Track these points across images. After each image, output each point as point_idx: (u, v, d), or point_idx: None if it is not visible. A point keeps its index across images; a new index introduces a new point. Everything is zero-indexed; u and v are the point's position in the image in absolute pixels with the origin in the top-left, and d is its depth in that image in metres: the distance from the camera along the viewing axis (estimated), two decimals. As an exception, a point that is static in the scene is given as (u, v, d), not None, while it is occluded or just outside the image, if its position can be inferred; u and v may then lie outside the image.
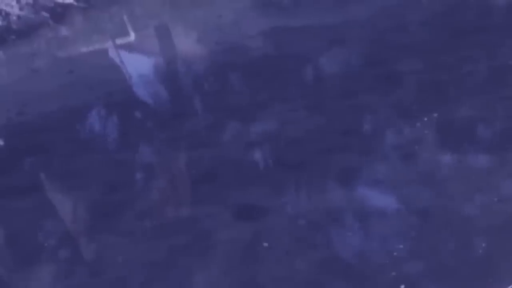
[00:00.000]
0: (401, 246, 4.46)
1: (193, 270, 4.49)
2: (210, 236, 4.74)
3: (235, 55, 7.15)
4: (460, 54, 6.49)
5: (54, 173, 5.81)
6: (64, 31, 8.16)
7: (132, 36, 8.09)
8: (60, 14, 8.21)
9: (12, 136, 6.50)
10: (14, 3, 8.15)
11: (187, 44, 7.94)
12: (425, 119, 5.62)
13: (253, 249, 4.57)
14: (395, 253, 4.41)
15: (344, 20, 7.55)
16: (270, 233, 4.69)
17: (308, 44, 7.11)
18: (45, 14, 8.18)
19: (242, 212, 4.95)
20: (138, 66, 7.59)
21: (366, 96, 6.08)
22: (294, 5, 8.14)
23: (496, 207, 4.65)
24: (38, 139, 6.35)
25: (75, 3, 8.33)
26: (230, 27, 7.77)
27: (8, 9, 8.11)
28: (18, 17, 8.08)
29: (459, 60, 6.38)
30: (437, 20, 7.24)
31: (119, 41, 8.00)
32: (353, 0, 8.03)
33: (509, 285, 4.06)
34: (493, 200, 4.72)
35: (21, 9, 8.14)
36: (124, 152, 5.98)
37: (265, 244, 4.59)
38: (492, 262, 4.25)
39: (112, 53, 7.86)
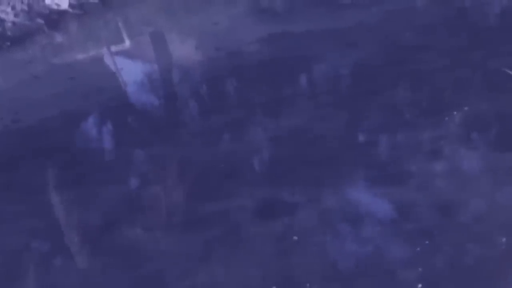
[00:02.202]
0: (427, 242, 4.57)
1: (226, 263, 4.68)
2: (241, 229, 4.93)
3: (231, 62, 7.15)
4: (478, 52, 6.54)
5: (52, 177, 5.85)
6: (59, 38, 8.15)
7: (127, 43, 8.08)
8: (55, 21, 8.20)
9: (7, 142, 6.49)
10: (9, 9, 8.14)
11: (183, 51, 7.93)
12: (449, 116, 5.68)
13: (284, 243, 4.76)
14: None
15: (337, 25, 7.58)
16: (299, 227, 4.85)
17: (310, 47, 7.16)
18: (40, 21, 8.18)
19: (270, 206, 5.12)
20: (133, 73, 7.58)
21: (390, 93, 6.18)
22: (289, 11, 8.15)
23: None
24: (32, 145, 6.35)
25: (70, 10, 8.32)
26: (226, 33, 7.77)
27: (3, 15, 8.10)
28: (13, 23, 8.07)
29: (482, 58, 6.43)
30: (449, 22, 7.30)
31: (114, 48, 7.99)
32: (345, 6, 8.03)
33: None
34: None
35: (16, 15, 8.13)
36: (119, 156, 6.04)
37: (295, 238, 4.74)
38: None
39: (107, 60, 7.85)
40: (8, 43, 7.93)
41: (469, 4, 7.94)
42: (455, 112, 5.72)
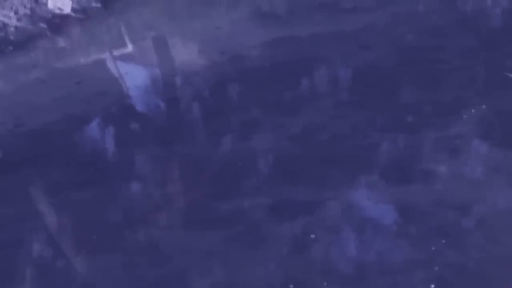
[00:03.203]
0: (443, 241, 4.64)
1: (244, 261, 4.78)
2: (258, 228, 5.03)
3: (234, 66, 7.16)
4: (492, 52, 6.57)
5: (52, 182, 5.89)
6: (61, 42, 8.15)
7: (129, 47, 8.08)
8: (57, 25, 8.20)
9: (9, 147, 6.49)
10: (12, 14, 8.15)
11: (185, 55, 7.93)
12: (467, 115, 5.71)
13: (301, 241, 4.86)
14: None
15: (343, 28, 7.61)
16: (317, 226, 4.95)
17: (316, 50, 7.21)
18: (42, 25, 8.18)
19: (288, 205, 5.19)
20: (135, 77, 7.58)
21: (404, 93, 6.26)
22: (291, 15, 8.15)
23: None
24: (35, 150, 6.35)
25: (73, 14, 8.33)
26: (228, 38, 7.78)
27: (5, 20, 8.11)
28: (16, 28, 8.07)
29: (499, 57, 6.46)
30: (456, 23, 7.34)
31: (116, 52, 7.99)
32: (348, 10, 8.04)
33: None
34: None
35: (19, 20, 8.14)
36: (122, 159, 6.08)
37: (312, 236, 4.84)
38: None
39: (109, 64, 7.85)
40: (11, 48, 7.93)
41: (470, 6, 7.97)
42: (473, 110, 5.74)
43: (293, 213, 5.11)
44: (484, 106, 5.78)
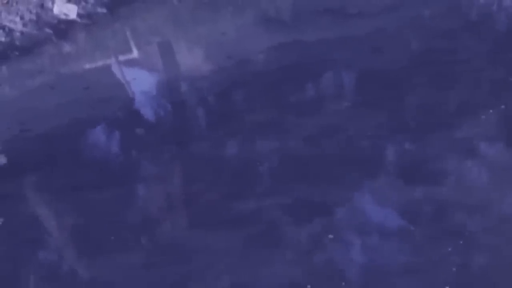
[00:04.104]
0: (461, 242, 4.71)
1: (264, 260, 4.87)
2: (277, 227, 5.13)
3: (239, 71, 7.17)
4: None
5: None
6: (67, 47, 8.16)
7: (135, 53, 8.09)
8: (63, 31, 8.22)
9: (15, 151, 6.50)
10: (17, 19, 8.17)
11: (190, 60, 7.94)
12: (486, 115, 5.75)
13: (319, 241, 4.96)
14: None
15: (351, 33, 7.64)
16: (335, 226, 5.07)
17: (325, 55, 7.25)
18: (48, 30, 8.20)
19: (307, 205, 5.28)
20: (141, 83, 7.59)
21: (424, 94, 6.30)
22: (296, 20, 8.16)
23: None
24: (41, 155, 6.36)
25: (78, 20, 8.34)
26: (234, 43, 7.79)
27: (11, 25, 8.12)
28: (22, 33, 8.09)
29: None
30: (465, 27, 7.41)
31: (122, 57, 8.00)
32: (353, 15, 8.05)
33: None
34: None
35: (24, 25, 8.16)
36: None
37: (330, 236, 4.93)
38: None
39: (115, 70, 7.86)
40: (17, 53, 7.94)
41: (475, 13, 7.98)
42: (491, 111, 5.77)
43: (311, 213, 5.19)
44: (503, 107, 5.82)
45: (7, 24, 8.12)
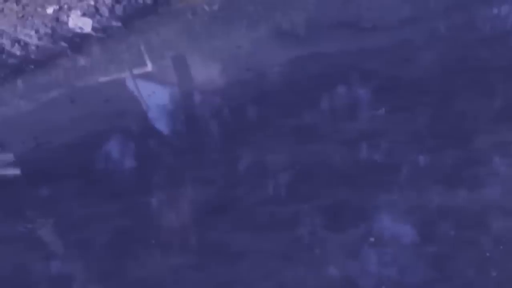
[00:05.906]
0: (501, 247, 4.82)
1: (307, 263, 4.98)
2: (318, 231, 5.25)
3: (255, 85, 7.16)
4: None
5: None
6: (82, 61, 8.18)
7: (149, 67, 8.10)
8: (78, 44, 8.23)
9: (30, 165, 6.50)
10: (33, 33, 8.19)
11: (205, 74, 7.94)
12: None
13: (360, 244, 5.06)
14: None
15: (362, 46, 7.64)
16: (376, 229, 5.17)
17: (340, 68, 7.27)
18: (63, 44, 8.21)
19: (342, 210, 5.37)
20: (155, 96, 7.58)
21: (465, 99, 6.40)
22: (311, 34, 8.16)
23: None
24: (55, 168, 6.35)
25: (93, 34, 8.36)
26: (249, 57, 7.78)
27: (26, 39, 8.15)
28: (37, 47, 8.11)
29: None
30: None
31: (136, 71, 8.01)
32: (367, 29, 8.06)
33: None
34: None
35: (39, 39, 8.17)
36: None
37: (372, 239, 5.05)
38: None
39: (129, 83, 7.86)
40: (32, 66, 7.96)
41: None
42: None
43: (352, 216, 5.28)
44: None
45: (22, 37, 8.15)
